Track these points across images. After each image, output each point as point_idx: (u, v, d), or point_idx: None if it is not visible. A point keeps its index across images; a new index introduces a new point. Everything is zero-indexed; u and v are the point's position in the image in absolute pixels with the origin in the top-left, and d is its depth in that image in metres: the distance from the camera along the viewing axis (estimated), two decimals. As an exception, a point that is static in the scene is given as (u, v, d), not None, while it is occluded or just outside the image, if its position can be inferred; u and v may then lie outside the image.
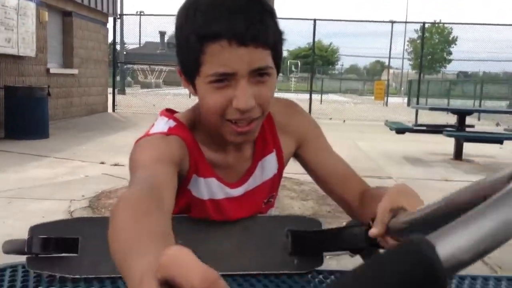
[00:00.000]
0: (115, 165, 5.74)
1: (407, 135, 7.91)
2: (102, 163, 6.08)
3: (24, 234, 0.87)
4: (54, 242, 0.87)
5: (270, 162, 0.99)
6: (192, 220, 0.94)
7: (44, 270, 0.88)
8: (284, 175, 1.06)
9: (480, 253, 0.29)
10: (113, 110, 14.32)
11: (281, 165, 1.01)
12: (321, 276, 0.92)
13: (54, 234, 0.88)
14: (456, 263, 0.28)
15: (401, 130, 7.67)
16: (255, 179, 0.98)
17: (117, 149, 6.64)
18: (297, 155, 1.03)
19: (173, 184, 0.78)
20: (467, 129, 7.64)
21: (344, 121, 13.82)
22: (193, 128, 0.92)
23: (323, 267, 0.95)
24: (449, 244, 0.29)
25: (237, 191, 0.96)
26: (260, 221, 0.98)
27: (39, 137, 7.80)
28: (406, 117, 12.84)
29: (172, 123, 0.90)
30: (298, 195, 4.61)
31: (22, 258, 0.90)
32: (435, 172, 6.37)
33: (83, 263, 0.88)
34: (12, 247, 0.88)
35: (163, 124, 0.89)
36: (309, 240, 0.96)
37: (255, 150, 0.97)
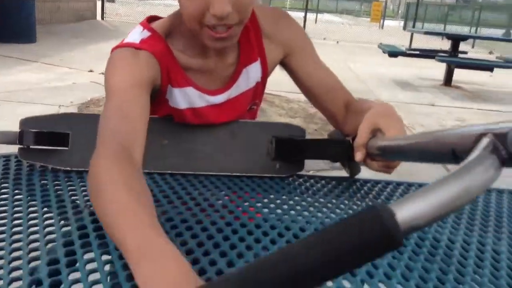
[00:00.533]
0: (104, 73, 5.68)
1: (400, 59, 7.87)
2: (91, 71, 6.01)
3: (13, 136, 0.90)
4: (45, 136, 0.91)
5: (254, 70, 0.98)
6: (177, 123, 0.97)
7: (36, 161, 0.92)
8: (273, 92, 1.07)
9: (435, 219, 0.34)
10: (102, 18, 13.88)
11: (265, 74, 1.01)
12: (301, 180, 0.97)
13: (44, 128, 0.91)
14: (413, 228, 0.33)
15: (394, 53, 7.61)
16: (239, 86, 0.98)
17: (105, 58, 6.49)
18: (284, 64, 1.03)
19: (145, 115, 0.81)
20: (460, 55, 7.61)
21: (337, 42, 13.62)
22: (169, 36, 0.91)
23: (303, 172, 1.00)
24: (408, 212, 0.33)
25: (219, 98, 0.96)
26: (246, 126, 1.01)
27: (26, 41, 7.62)
28: (401, 41, 12.66)
29: (146, 34, 0.89)
30: (287, 113, 4.65)
31: (14, 149, 0.93)
32: (423, 96, 6.42)
33: (74, 157, 0.92)
34: (5, 138, 0.91)
35: (137, 35, 0.90)
36: (292, 147, 1.00)
37: (240, 57, 0.96)
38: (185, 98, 0.93)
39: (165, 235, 0.54)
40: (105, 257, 0.61)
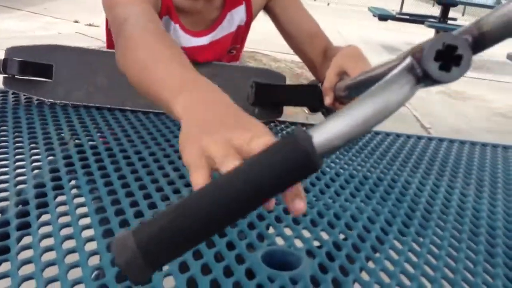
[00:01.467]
0: (90, 25, 5.57)
1: (389, 23, 7.82)
2: (76, 21, 5.88)
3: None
4: (29, 65, 0.91)
5: (238, 14, 1.00)
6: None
7: (20, 90, 0.94)
8: (261, 51, 1.07)
9: (351, 138, 0.35)
10: (88, -32, 13.46)
11: (249, 18, 1.02)
12: (282, 125, 1.00)
13: (29, 58, 0.91)
14: (329, 148, 0.34)
15: (383, 17, 7.55)
16: (222, 29, 0.99)
17: (91, 9, 6.39)
18: (268, 9, 1.04)
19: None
20: (449, 21, 7.58)
21: (328, 4, 13.44)
22: None
23: (283, 118, 1.03)
24: (324, 133, 0.34)
25: (202, 40, 0.97)
26: (227, 69, 1.01)
27: (9, -12, 7.39)
28: (392, 6, 12.53)
29: None
30: (273, 71, 4.64)
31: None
32: (410, 62, 6.42)
33: (57, 89, 0.93)
34: None
35: None
36: (271, 93, 1.01)
37: (226, 0, 0.98)
38: (173, 33, 0.94)
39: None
40: (91, 185, 0.63)
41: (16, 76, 0.92)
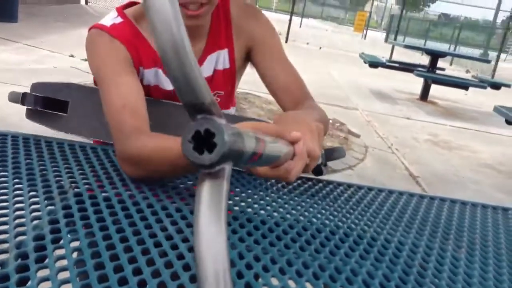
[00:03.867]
0: (85, 60, 5.62)
1: (380, 70, 8.00)
2: (72, 56, 5.95)
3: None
4: (47, 101, 1.05)
5: (221, 58, 1.03)
6: (159, 103, 1.02)
7: (38, 122, 1.07)
8: (254, 93, 1.10)
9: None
10: (86, 3, 13.69)
11: (233, 65, 1.05)
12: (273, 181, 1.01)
13: (49, 93, 1.05)
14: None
15: (374, 63, 7.74)
16: (203, 71, 1.02)
17: (88, 43, 6.47)
18: (250, 58, 1.07)
19: (140, 93, 0.92)
20: (438, 71, 7.78)
21: (320, 48, 13.74)
22: (141, 19, 0.98)
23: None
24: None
25: None
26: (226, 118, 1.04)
27: (7, 20, 7.49)
28: (382, 53, 12.86)
29: (118, 20, 0.97)
30: (265, 113, 4.70)
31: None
32: (398, 109, 6.55)
33: (71, 122, 1.06)
34: (13, 97, 1.07)
35: (109, 20, 0.97)
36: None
37: (207, 43, 1.02)
38: (153, 77, 1.00)
39: None
40: (90, 238, 0.63)
41: (39, 109, 1.05)
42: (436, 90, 7.67)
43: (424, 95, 7.58)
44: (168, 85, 1.02)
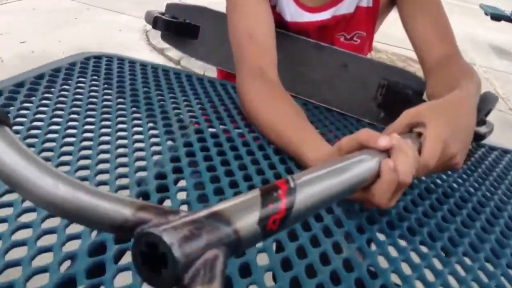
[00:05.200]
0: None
1: (503, 24, 7.24)
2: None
3: (93, 42, 0.90)
4: (178, 25, 1.02)
5: None
6: (293, 39, 0.91)
7: (172, 45, 1.06)
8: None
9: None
10: None
11: (376, 3, 0.91)
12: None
13: (182, 14, 1.03)
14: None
15: (496, 16, 7.00)
16: (344, 8, 0.90)
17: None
18: (397, 3, 0.90)
19: (271, 23, 0.82)
20: None
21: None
22: None
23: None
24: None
25: (321, 16, 0.90)
26: (359, 61, 0.91)
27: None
28: (505, 6, 11.68)
29: None
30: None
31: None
32: (520, 67, 5.94)
33: (201, 49, 1.02)
34: (147, 18, 1.04)
35: None
36: (403, 97, 0.89)
37: None
38: (287, 7, 0.90)
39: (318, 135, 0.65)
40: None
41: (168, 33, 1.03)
42: None
43: (552, 54, 6.80)
44: (290, 17, 0.91)
